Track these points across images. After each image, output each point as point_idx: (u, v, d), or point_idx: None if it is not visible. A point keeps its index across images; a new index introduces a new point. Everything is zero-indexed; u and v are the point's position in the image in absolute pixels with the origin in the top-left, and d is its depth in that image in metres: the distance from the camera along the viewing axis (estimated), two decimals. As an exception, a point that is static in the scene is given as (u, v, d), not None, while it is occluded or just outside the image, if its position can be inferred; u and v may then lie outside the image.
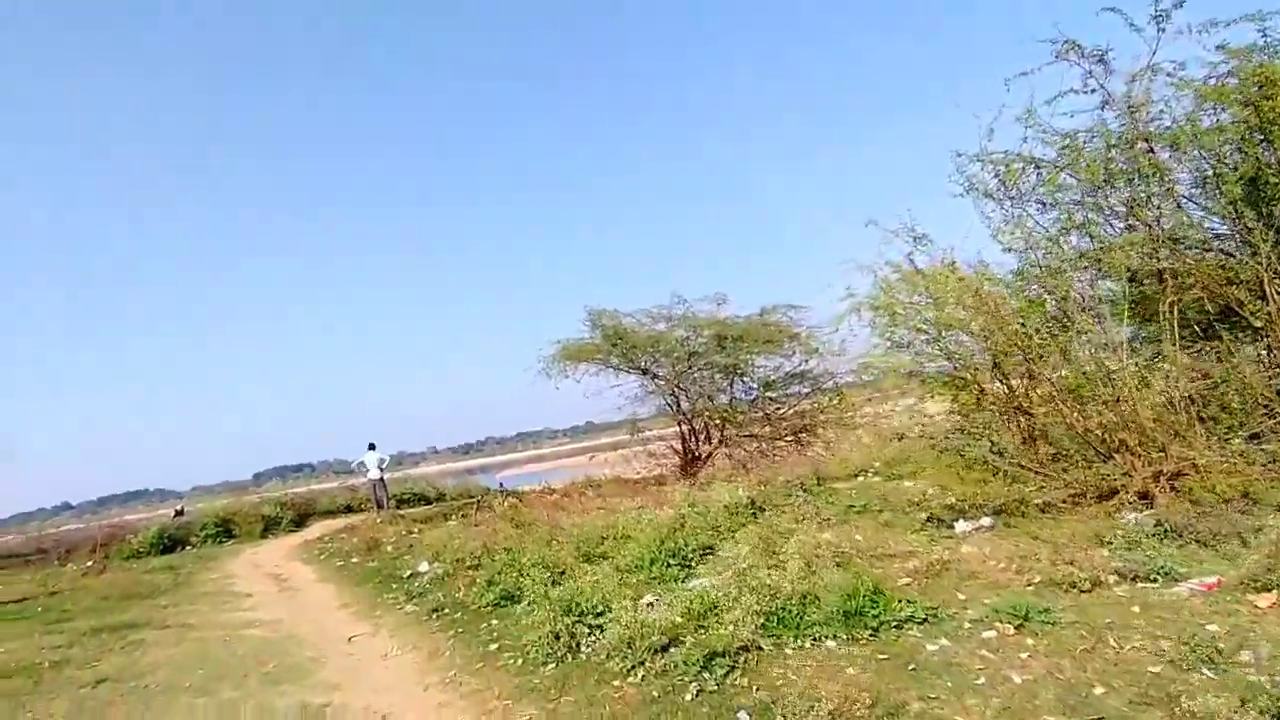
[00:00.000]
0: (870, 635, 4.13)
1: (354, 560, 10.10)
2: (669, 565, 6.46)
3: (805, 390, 16.59)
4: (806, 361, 16.15)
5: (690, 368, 15.96)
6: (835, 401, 16.29)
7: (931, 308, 8.95)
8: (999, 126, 7.97)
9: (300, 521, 16.07)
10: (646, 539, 6.89)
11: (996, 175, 8.10)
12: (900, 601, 4.44)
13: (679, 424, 17.49)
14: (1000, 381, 7.91)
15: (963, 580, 5.02)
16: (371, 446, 15.49)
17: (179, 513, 16.22)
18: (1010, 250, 8.30)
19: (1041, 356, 7.21)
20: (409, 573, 8.24)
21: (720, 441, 17.54)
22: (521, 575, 6.41)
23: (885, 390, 15.90)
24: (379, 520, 14.51)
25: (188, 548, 14.33)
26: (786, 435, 16.75)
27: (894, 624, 4.23)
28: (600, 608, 5.10)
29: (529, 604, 5.54)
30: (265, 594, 8.47)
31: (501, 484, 22.73)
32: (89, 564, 12.71)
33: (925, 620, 4.27)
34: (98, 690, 5.08)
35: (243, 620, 6.98)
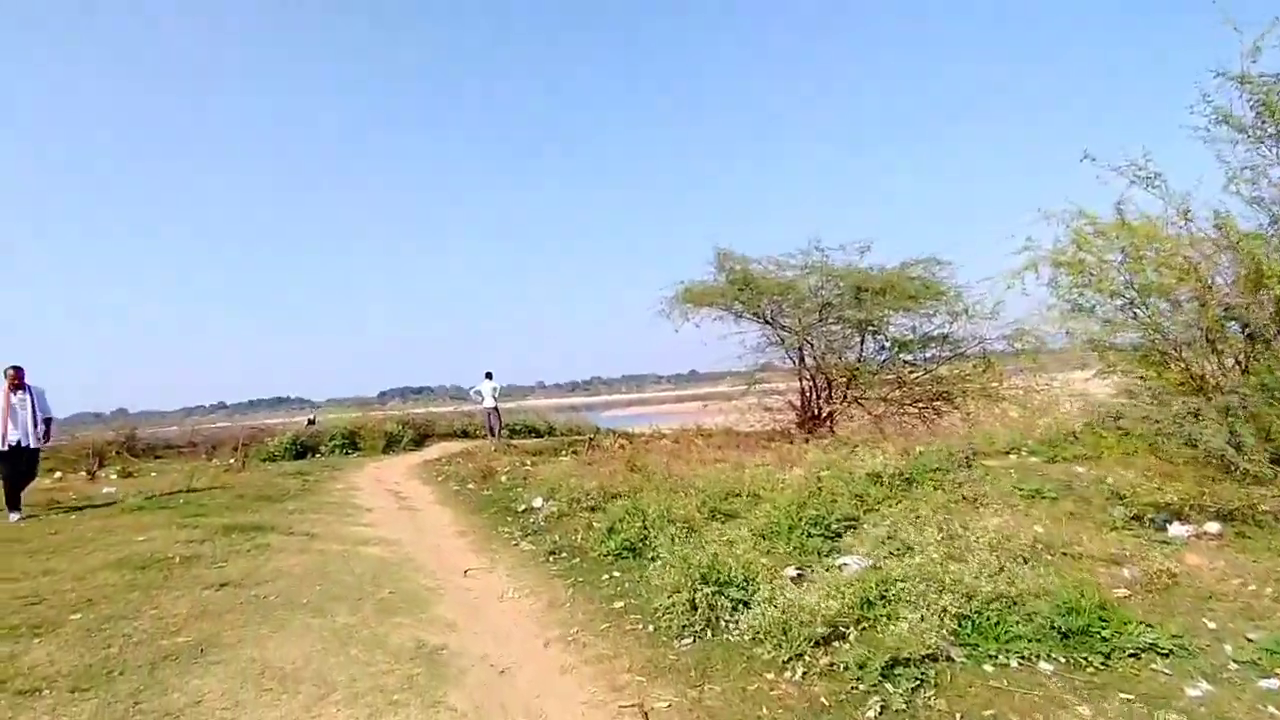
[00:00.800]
0: (1101, 664, 3.25)
1: (470, 486, 10.00)
2: (809, 535, 5.72)
3: (945, 354, 15.15)
4: (951, 323, 14.70)
5: (821, 320, 14.84)
6: (981, 369, 14.78)
7: (1134, 265, 7.57)
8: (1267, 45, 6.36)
9: (419, 441, 16.47)
10: (784, 501, 6.15)
11: (1255, 105, 6.51)
12: (1134, 624, 3.51)
13: (800, 379, 16.51)
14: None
15: (1202, 601, 3.98)
16: (489, 375, 15.50)
17: (311, 421, 17.04)
18: (1257, 202, 6.74)
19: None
20: (524, 507, 7.94)
21: (844, 401, 16.46)
22: (647, 527, 5.87)
23: (1039, 362, 14.34)
24: (492, 448, 14.58)
25: (317, 455, 14.95)
26: (919, 401, 15.43)
27: (1129, 652, 3.32)
28: (741, 578, 4.45)
29: (660, 563, 4.96)
30: (385, 511, 8.43)
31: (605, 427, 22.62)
32: (231, 462, 13.45)
33: (1170, 652, 3.33)
34: (220, 594, 4.97)
35: (363, 536, 6.86)
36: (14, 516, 7.86)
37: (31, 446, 8.05)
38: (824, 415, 16.66)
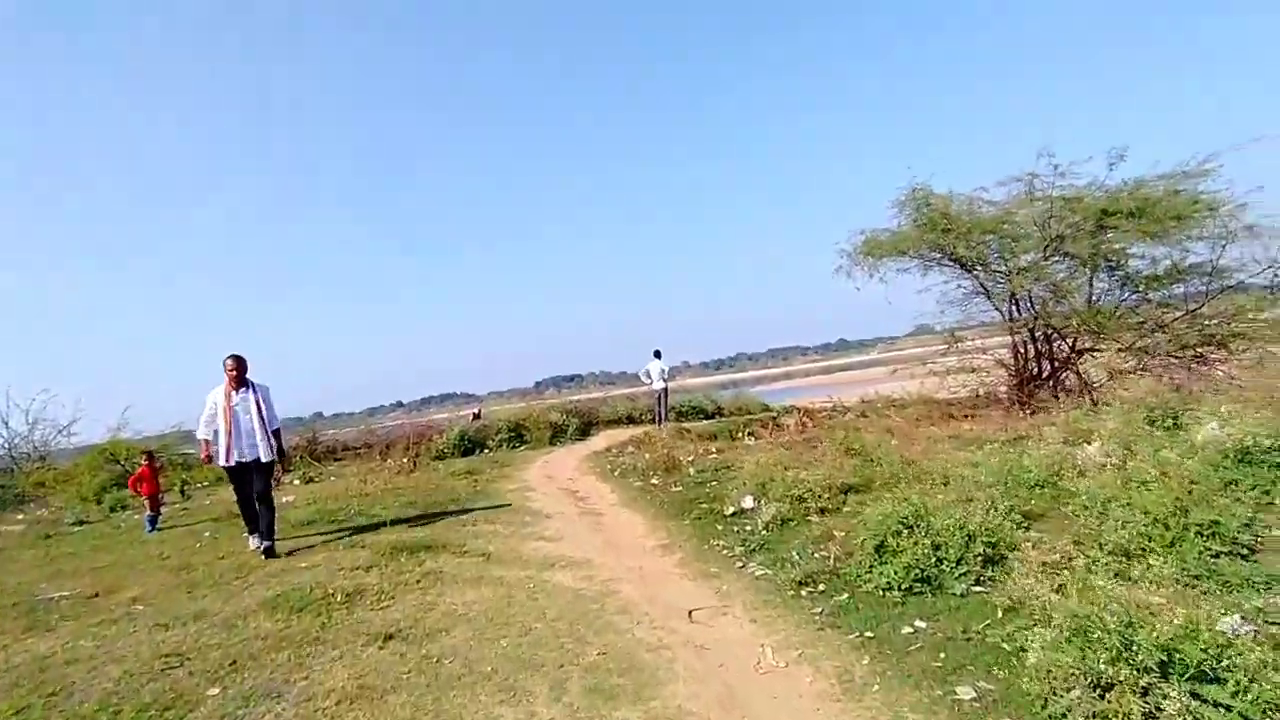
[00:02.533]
0: None
1: (654, 482, 8.55)
2: (1209, 554, 3.64)
3: (1214, 287, 11.83)
4: (1223, 245, 11.40)
5: (1046, 258, 12.02)
6: (1273, 302, 11.43)
7: None
8: None
9: (585, 430, 15.42)
10: (1149, 500, 4.06)
11: None
12: None
13: (1011, 333, 13.72)
14: None
15: None
16: (657, 354, 14.10)
17: (476, 416, 16.54)
18: None
19: None
20: (732, 509, 6.32)
21: (1071, 356, 13.51)
22: (938, 545, 4.03)
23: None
24: (664, 434, 13.19)
25: (484, 450, 14.26)
26: (1182, 349, 12.19)
27: None
28: (1166, 640, 2.53)
29: (1011, 614, 3.15)
30: (565, 517, 7.14)
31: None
32: (403, 461, 12.96)
33: None
34: (384, 653, 3.75)
35: (546, 556, 5.54)
36: (253, 542, 6.37)
37: (262, 460, 6.22)
38: (1046, 375, 13.84)
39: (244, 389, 6.19)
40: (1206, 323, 11.99)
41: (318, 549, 6.25)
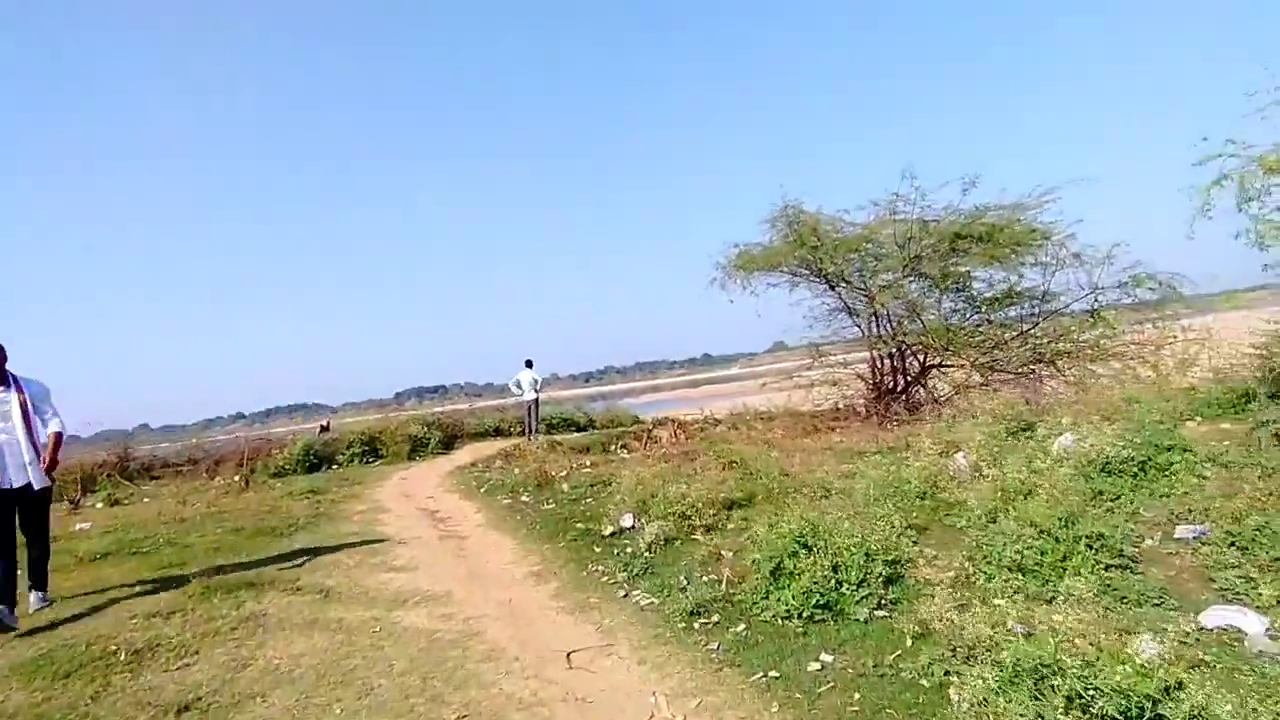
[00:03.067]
0: None
1: (524, 499, 7.87)
2: (1101, 566, 3.56)
3: (1046, 309, 12.85)
4: (1054, 270, 12.39)
5: (904, 277, 12.57)
6: (1090, 324, 12.50)
7: None
8: None
9: (448, 444, 14.36)
10: (1035, 513, 3.97)
11: None
12: None
13: (870, 348, 14.29)
14: None
15: None
16: (528, 363, 13.39)
17: (324, 428, 14.95)
18: None
19: None
20: (611, 529, 5.81)
21: (922, 372, 14.27)
22: (837, 567, 3.72)
23: (1166, 311, 12.16)
24: (534, 446, 12.49)
25: (333, 466, 12.88)
26: (1017, 367, 13.14)
27: None
28: (1084, 663, 2.30)
29: (930, 644, 2.84)
30: (423, 542, 6.33)
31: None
32: (234, 478, 11.39)
33: None
34: (174, 735, 2.90)
35: (397, 590, 4.76)
36: (33, 602, 4.67)
37: (34, 488, 4.52)
38: (900, 389, 14.52)
39: (3, 386, 4.50)
40: (1037, 342, 13.00)
41: (107, 590, 5.07)
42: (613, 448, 13.37)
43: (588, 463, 9.48)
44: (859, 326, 14.43)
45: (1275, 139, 6.41)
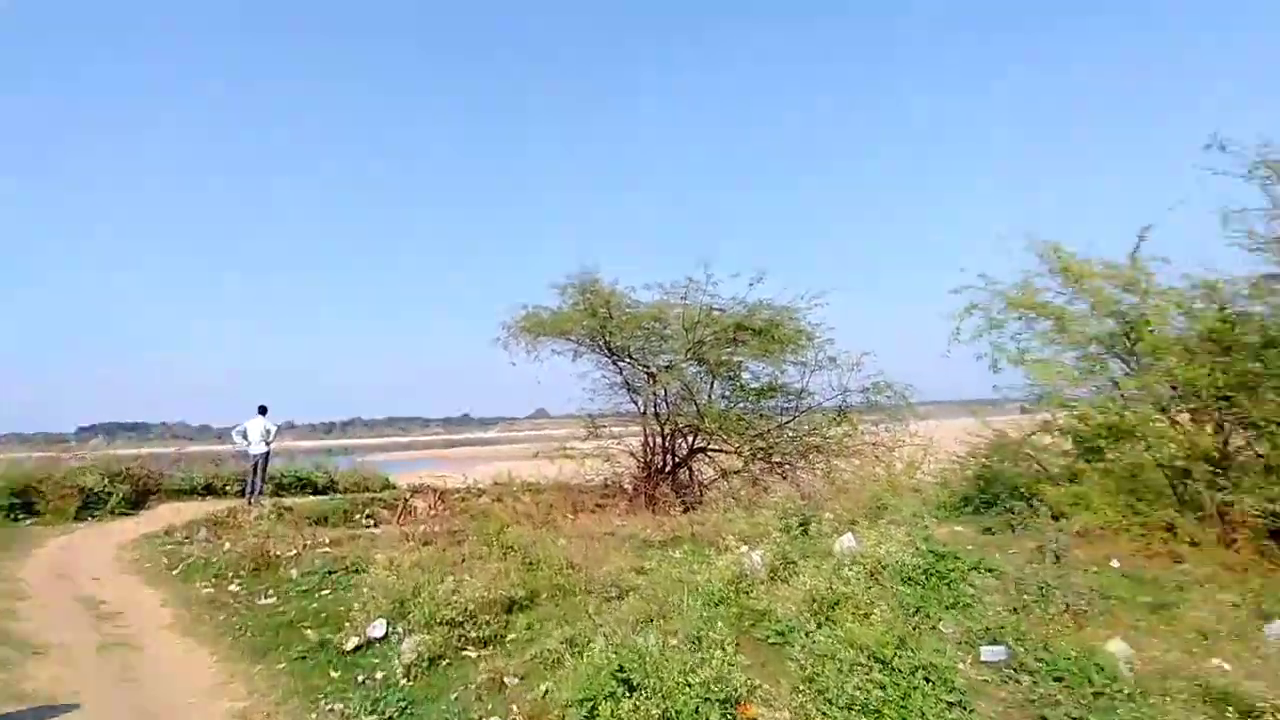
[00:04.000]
0: None
1: (234, 587, 6.12)
2: (937, 705, 3.28)
3: (803, 405, 13.86)
4: (812, 370, 13.44)
5: (686, 359, 12.76)
6: (836, 422, 13.63)
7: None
8: None
9: (138, 501, 11.37)
10: (862, 632, 3.63)
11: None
12: None
13: (644, 426, 14.26)
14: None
15: None
16: (262, 410, 11.21)
17: (-51, 472, 11.01)
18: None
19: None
20: (354, 641, 4.53)
21: (690, 454, 14.55)
22: (665, 696, 3.01)
23: (896, 413, 13.59)
24: (254, 514, 10.27)
25: (-45, 524, 9.42)
26: (775, 457, 13.90)
27: None
28: None
29: None
30: (74, 651, 4.47)
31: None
32: None
33: None
34: None
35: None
36: None
37: None
38: (668, 469, 14.63)
39: None
40: (794, 434, 13.90)
41: None
42: (359, 517, 11.55)
43: (326, 539, 7.82)
44: (635, 403, 14.42)
45: (1016, 276, 7.41)
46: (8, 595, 5.86)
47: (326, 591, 5.84)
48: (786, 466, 13.68)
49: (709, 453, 14.66)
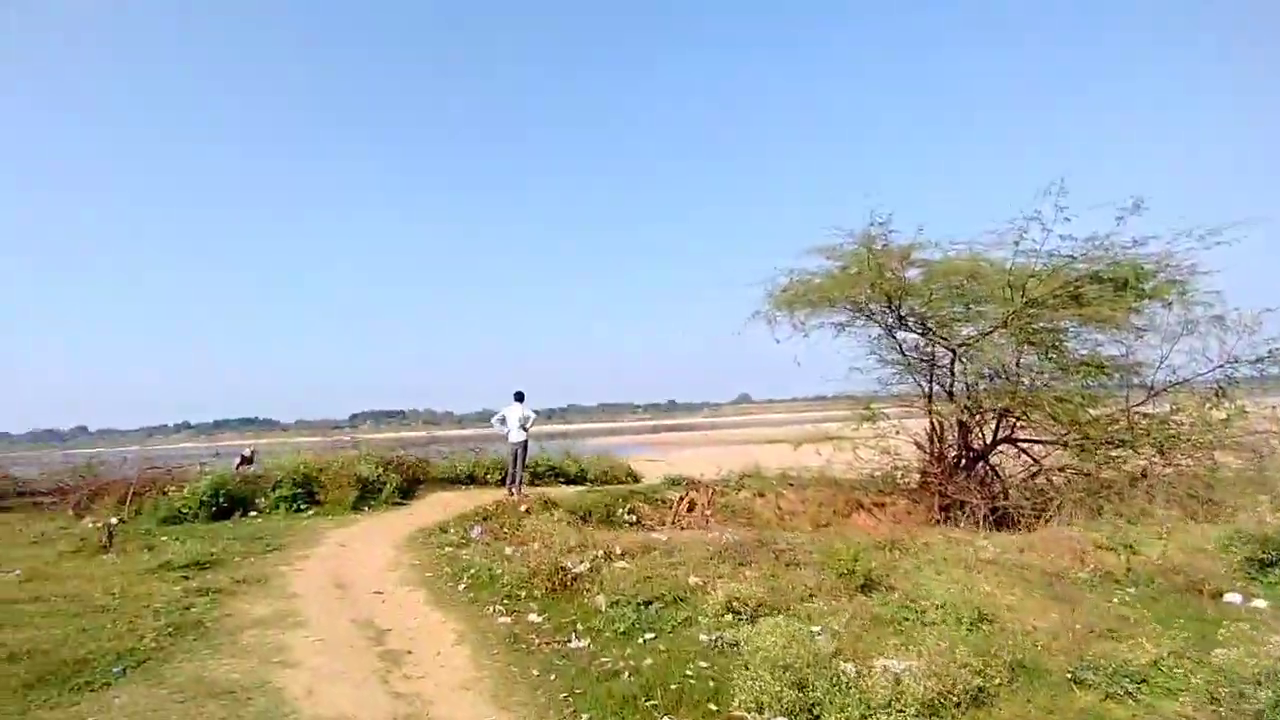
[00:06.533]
0: None
1: (534, 617, 4.72)
2: None
3: (1153, 382, 10.29)
4: (1177, 336, 9.89)
5: (1012, 327, 9.81)
6: (1214, 405, 9.97)
7: None
8: None
9: (408, 490, 11.01)
10: None
11: None
12: None
13: (930, 413, 11.50)
14: None
15: None
16: (519, 397, 10.26)
17: (245, 459, 11.39)
18: None
19: None
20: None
21: (992, 444, 11.58)
22: None
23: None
24: (521, 504, 9.29)
25: (249, 513, 9.42)
26: (1114, 451, 10.48)
27: None
28: None
29: None
30: (361, 701, 3.16)
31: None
32: (102, 524, 7.89)
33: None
34: None
35: None
36: None
37: None
38: (963, 462, 11.78)
39: None
40: (1146, 418, 10.40)
41: None
42: (620, 513, 10.25)
43: (617, 548, 6.37)
44: (921, 383, 11.75)
45: None
46: (282, 622, 4.84)
47: (652, 636, 4.20)
48: (1146, 463, 10.28)
49: (1018, 443, 11.62)
